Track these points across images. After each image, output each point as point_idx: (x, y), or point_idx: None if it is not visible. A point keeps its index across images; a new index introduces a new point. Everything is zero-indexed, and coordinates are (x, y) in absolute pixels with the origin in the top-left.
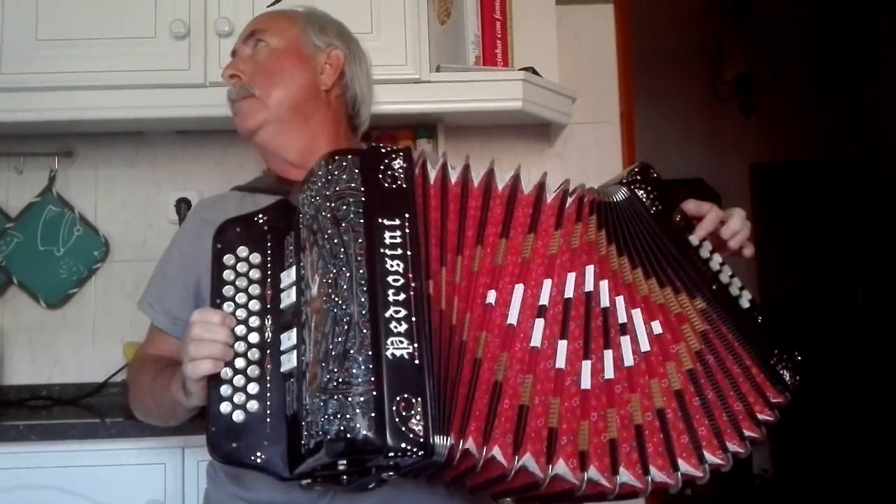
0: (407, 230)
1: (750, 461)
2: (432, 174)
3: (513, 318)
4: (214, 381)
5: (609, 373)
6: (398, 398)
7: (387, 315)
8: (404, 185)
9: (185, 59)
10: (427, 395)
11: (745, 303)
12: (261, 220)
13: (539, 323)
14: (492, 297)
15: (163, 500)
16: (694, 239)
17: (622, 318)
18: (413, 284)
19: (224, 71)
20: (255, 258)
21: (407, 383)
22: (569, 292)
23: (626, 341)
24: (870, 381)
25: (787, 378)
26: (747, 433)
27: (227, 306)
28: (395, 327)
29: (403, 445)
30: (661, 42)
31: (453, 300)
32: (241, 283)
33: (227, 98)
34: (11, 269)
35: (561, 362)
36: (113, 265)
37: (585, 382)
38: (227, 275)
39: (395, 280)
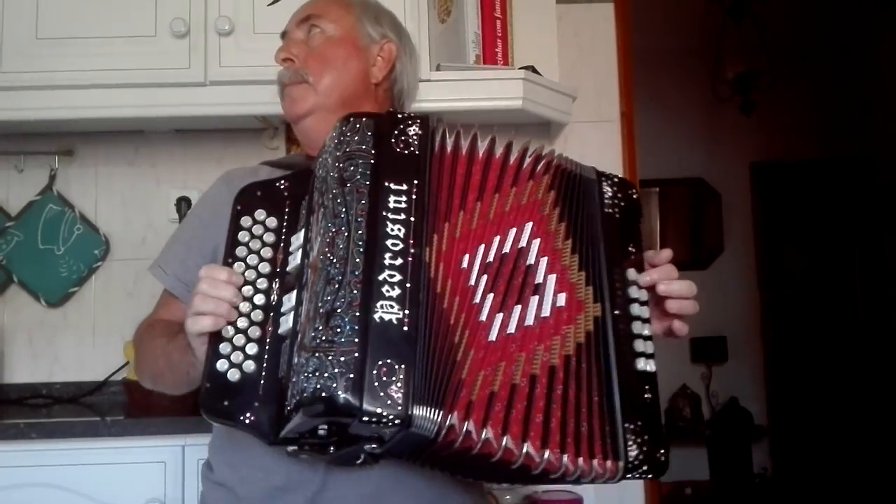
0: (414, 196)
1: (750, 460)
2: (439, 142)
3: (472, 279)
4: (215, 338)
5: (512, 328)
6: (380, 362)
7: (380, 278)
8: (417, 152)
9: (186, 58)
10: (414, 364)
11: (640, 362)
12: (281, 186)
13: (483, 280)
14: (465, 261)
15: (163, 499)
16: (632, 272)
17: (539, 279)
18: (412, 251)
19: (277, 54)
20: (272, 222)
21: (392, 348)
22: (506, 247)
23: (534, 301)
24: (869, 379)
25: (630, 453)
26: (578, 459)
27: (238, 266)
28: (388, 291)
29: (379, 410)
30: (661, 41)
31: (440, 267)
32: (255, 245)
33: (277, 80)
34: (12, 267)
35: (484, 315)
36: (113, 264)
37: (493, 335)
38: (243, 236)
39: (393, 244)
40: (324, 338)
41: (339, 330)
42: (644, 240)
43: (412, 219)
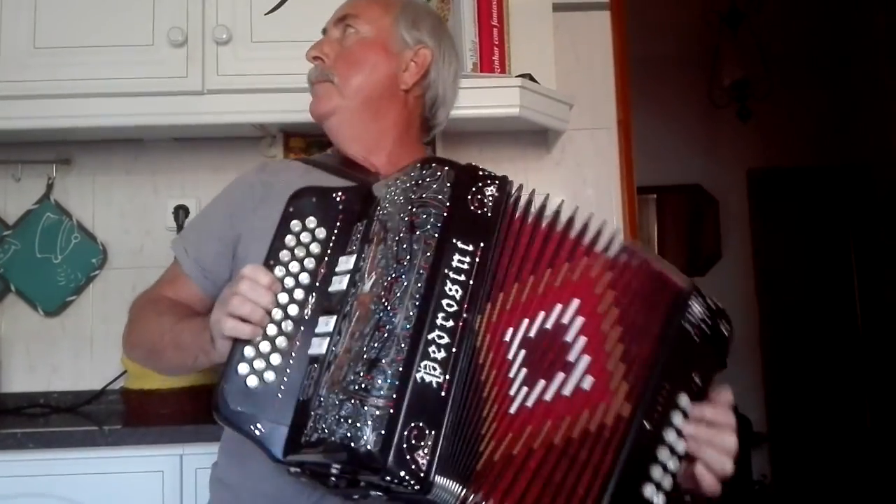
0: (478, 259)
1: (749, 467)
2: (515, 208)
3: (511, 353)
4: (241, 340)
5: (530, 402)
6: (412, 424)
7: (430, 337)
8: (489, 214)
9: (183, 67)
10: (442, 430)
11: (648, 489)
12: (338, 198)
13: (521, 354)
14: (509, 334)
15: None
16: (684, 399)
17: (572, 357)
18: (465, 315)
19: (308, 52)
20: (321, 233)
21: (427, 411)
22: (549, 323)
23: (558, 378)
24: (868, 386)
25: None
26: None
27: (279, 270)
28: (434, 352)
29: (402, 473)
30: (657, 48)
31: (486, 337)
32: (300, 252)
33: (307, 79)
34: (9, 276)
35: (514, 390)
36: (111, 272)
37: (513, 408)
38: (290, 240)
39: (448, 305)
40: (363, 385)
41: (379, 381)
42: (713, 382)
43: (471, 282)
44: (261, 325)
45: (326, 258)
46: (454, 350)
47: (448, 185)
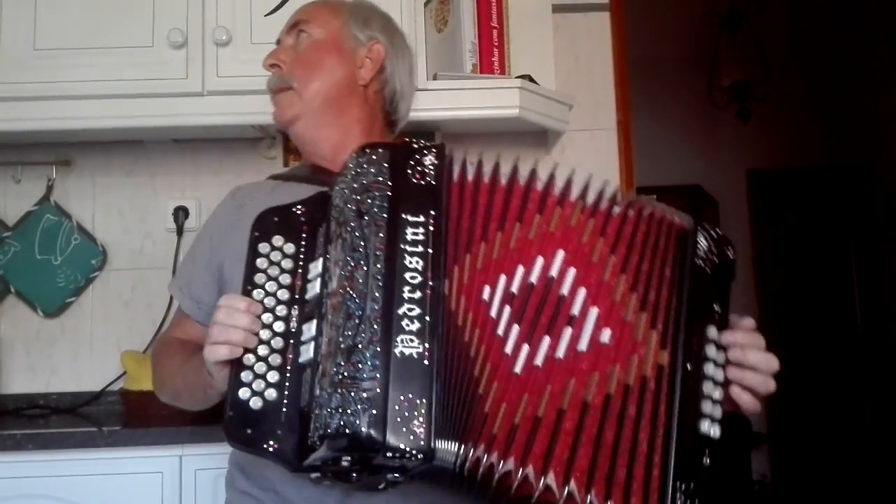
0: (431, 227)
1: (749, 467)
2: (457, 171)
3: (493, 310)
4: (237, 366)
5: (539, 360)
6: (402, 397)
7: (400, 312)
8: (433, 182)
9: (183, 68)
10: (433, 398)
11: (705, 424)
12: (298, 211)
13: (506, 311)
14: (486, 292)
15: None
16: (712, 330)
17: (574, 311)
18: (431, 283)
19: (265, 60)
20: (289, 248)
21: (413, 383)
22: (533, 277)
23: (566, 333)
24: (868, 387)
25: None
26: (608, 502)
27: (257, 293)
28: (408, 325)
29: (402, 445)
30: (657, 49)
31: (461, 299)
32: (273, 271)
33: (266, 87)
34: (9, 277)
35: (509, 348)
36: (111, 274)
37: (517, 367)
38: (261, 262)
39: (412, 277)
40: (346, 374)
41: (360, 366)
42: (731, 300)
43: (430, 251)
44: (245, 345)
45: (300, 270)
46: (428, 318)
47: (385, 165)
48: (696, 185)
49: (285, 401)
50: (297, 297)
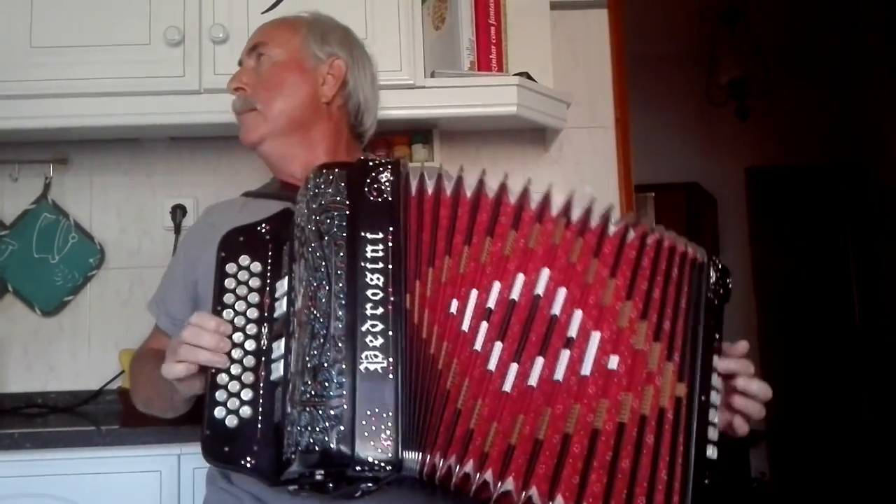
0: (390, 244)
1: (748, 464)
2: (415, 185)
3: (465, 324)
4: (211, 385)
5: (533, 380)
6: (368, 412)
7: (363, 329)
8: (390, 199)
9: (180, 66)
10: (399, 410)
11: (710, 449)
12: (263, 230)
13: (483, 326)
14: (454, 306)
15: None
16: (715, 360)
17: (571, 333)
18: (392, 299)
19: (229, 83)
20: (256, 267)
21: (379, 398)
22: (514, 294)
23: (565, 355)
24: (866, 383)
25: None
26: None
27: (227, 313)
28: (371, 341)
29: (371, 459)
30: (655, 46)
31: (424, 313)
32: (242, 291)
33: (231, 109)
34: (6, 276)
35: (492, 364)
36: (108, 272)
37: (507, 385)
38: (229, 282)
39: (374, 294)
40: (313, 392)
41: (327, 384)
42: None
43: (390, 266)
44: (207, 365)
45: (268, 288)
46: (390, 333)
47: (342, 184)
48: (694, 182)
49: (260, 417)
50: (266, 315)
